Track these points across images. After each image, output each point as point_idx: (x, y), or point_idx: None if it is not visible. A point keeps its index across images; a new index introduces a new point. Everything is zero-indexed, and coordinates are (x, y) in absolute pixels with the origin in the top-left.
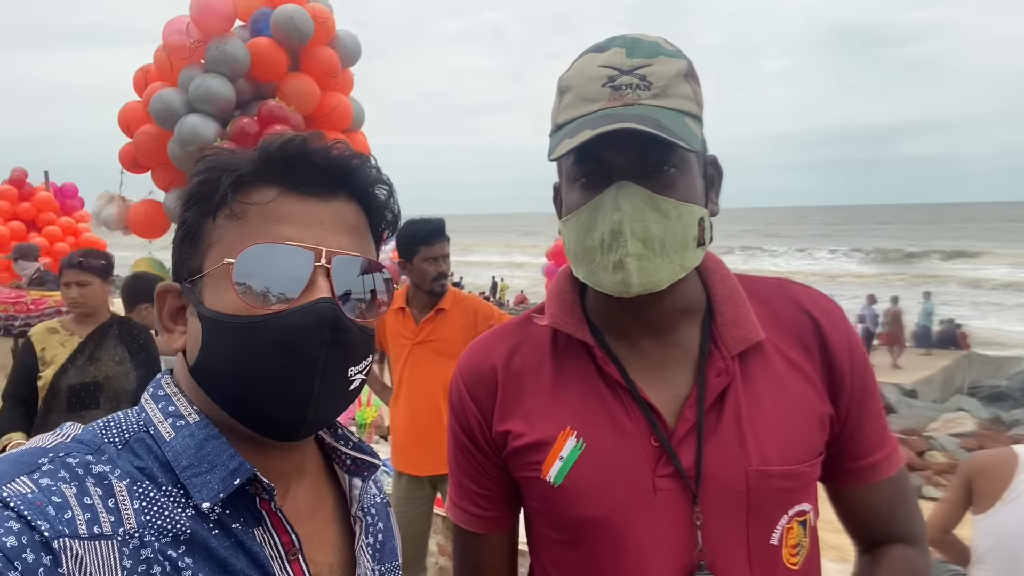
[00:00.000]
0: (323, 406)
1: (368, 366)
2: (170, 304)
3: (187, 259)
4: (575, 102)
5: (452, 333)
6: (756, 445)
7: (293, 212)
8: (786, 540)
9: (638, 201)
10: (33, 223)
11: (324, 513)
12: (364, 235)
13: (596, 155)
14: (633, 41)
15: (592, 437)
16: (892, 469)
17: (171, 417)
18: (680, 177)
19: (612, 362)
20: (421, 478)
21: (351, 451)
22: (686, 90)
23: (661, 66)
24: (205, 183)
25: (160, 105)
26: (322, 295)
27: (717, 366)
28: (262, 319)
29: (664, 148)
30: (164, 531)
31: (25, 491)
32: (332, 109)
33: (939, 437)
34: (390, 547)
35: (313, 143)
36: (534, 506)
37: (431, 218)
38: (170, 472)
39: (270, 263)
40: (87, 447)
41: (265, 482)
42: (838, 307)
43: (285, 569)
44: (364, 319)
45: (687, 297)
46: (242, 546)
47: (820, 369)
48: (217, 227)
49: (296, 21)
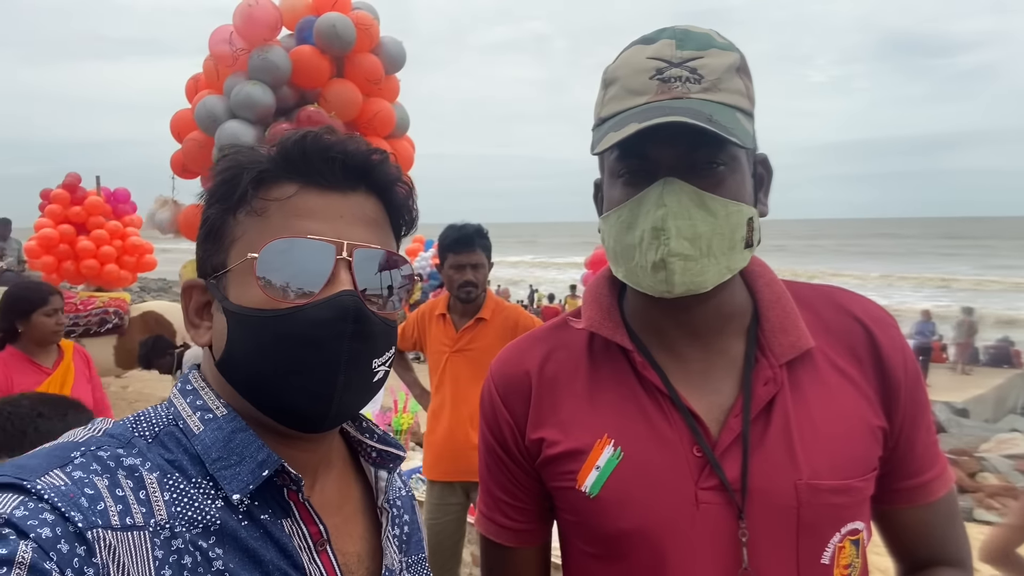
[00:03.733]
0: (347, 398)
1: (391, 358)
2: (196, 300)
3: (211, 255)
4: (621, 94)
5: (490, 343)
6: (806, 457)
7: (314, 206)
8: (838, 560)
9: (684, 198)
10: (83, 226)
11: (351, 505)
12: (384, 228)
13: (641, 150)
14: (684, 32)
15: (630, 446)
16: (943, 489)
17: (199, 411)
18: (730, 175)
19: (652, 368)
20: (454, 484)
21: (376, 443)
22: (738, 85)
23: (713, 59)
24: (226, 181)
25: (203, 112)
26: (344, 288)
27: (764, 374)
28: (285, 313)
29: (714, 144)
30: (194, 522)
31: (59, 483)
32: (374, 115)
33: (991, 458)
34: (416, 539)
35: (330, 138)
36: (568, 518)
37: (464, 225)
38: (199, 464)
39: (292, 257)
40: (118, 441)
41: (293, 473)
42: (890, 316)
43: (314, 559)
44: (386, 311)
45: (732, 301)
46: (271, 537)
47: (873, 381)
48: (239, 223)
49: (338, 29)
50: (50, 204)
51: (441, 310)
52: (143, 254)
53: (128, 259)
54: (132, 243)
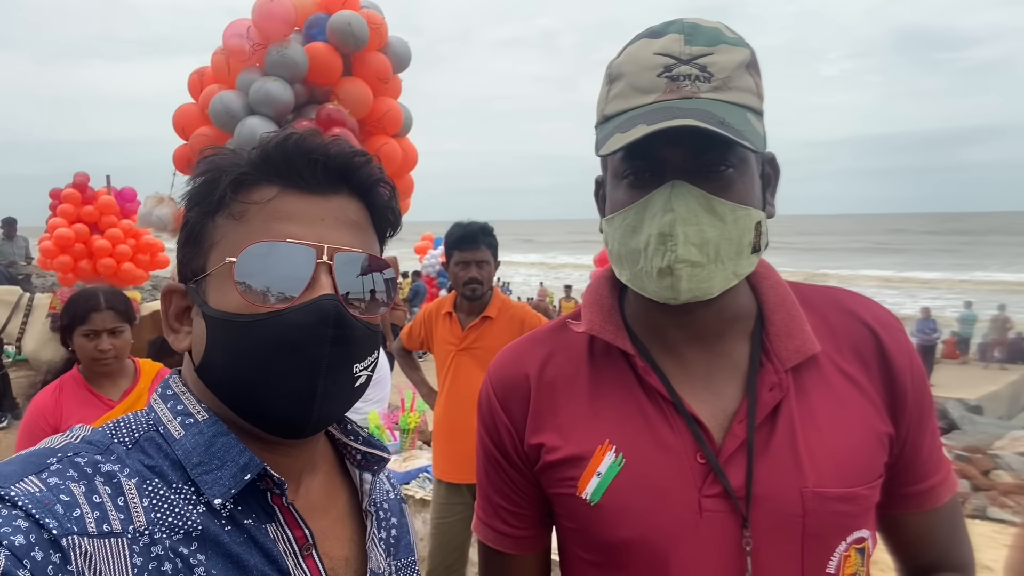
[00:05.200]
0: (328, 404)
1: (374, 363)
2: (176, 304)
3: (191, 259)
4: (627, 92)
5: (496, 342)
6: (812, 465)
7: (294, 210)
8: (843, 569)
9: (692, 202)
10: (96, 226)
11: (338, 508)
12: (367, 232)
13: (647, 151)
14: (692, 27)
15: (632, 453)
16: (948, 493)
17: (180, 416)
18: (739, 178)
19: (655, 372)
20: (460, 485)
21: (360, 446)
22: (748, 83)
23: (723, 55)
24: (205, 183)
25: (220, 107)
26: (324, 292)
27: (769, 380)
28: (265, 317)
29: (724, 147)
30: (175, 528)
31: (33, 490)
32: (383, 114)
33: (1006, 456)
34: (405, 543)
35: (312, 140)
36: (567, 525)
37: (469, 223)
38: (181, 470)
39: (272, 261)
40: (96, 447)
41: (275, 476)
42: (897, 320)
43: (299, 565)
44: (368, 316)
45: (736, 304)
46: (255, 542)
47: (879, 385)
48: (218, 227)
49: (353, 28)
50: (61, 204)
51: (447, 308)
52: (156, 252)
53: (142, 257)
54: (145, 241)
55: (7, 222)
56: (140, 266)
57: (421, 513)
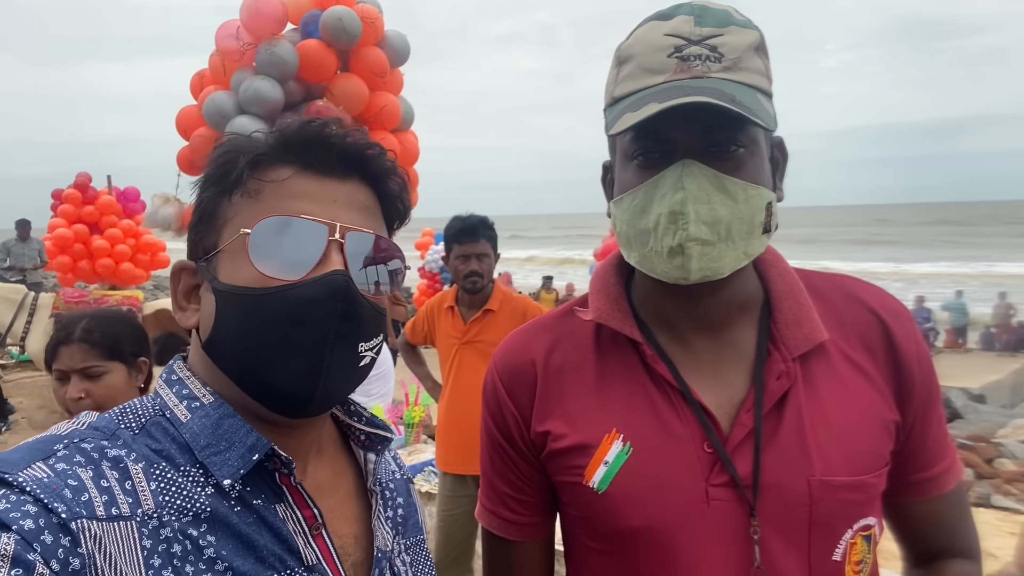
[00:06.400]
0: (333, 380)
1: (378, 345)
2: (185, 282)
3: (203, 237)
4: (637, 73)
5: (498, 335)
6: (819, 454)
7: (308, 189)
8: (850, 556)
9: (704, 181)
10: (96, 226)
11: (344, 488)
12: (377, 217)
13: (657, 131)
14: (702, 8)
15: (640, 441)
16: (954, 481)
17: (186, 399)
18: (749, 158)
19: (662, 361)
20: (465, 477)
21: (364, 426)
22: (758, 64)
23: (733, 37)
24: (223, 164)
25: (212, 108)
26: (335, 268)
27: (777, 368)
28: (275, 290)
29: (734, 126)
30: (184, 510)
31: (41, 476)
32: (380, 109)
33: (1009, 444)
34: (413, 521)
35: (331, 126)
36: (574, 514)
37: (468, 216)
38: (188, 453)
39: (285, 235)
40: (102, 433)
41: (283, 456)
42: (905, 308)
43: (309, 543)
44: (376, 296)
45: (744, 291)
46: (264, 522)
47: (886, 374)
48: (233, 204)
49: (344, 23)
50: (62, 204)
51: (450, 303)
52: (156, 252)
53: (142, 257)
54: (145, 241)
55: (21, 224)
56: (140, 266)
57: (427, 507)
